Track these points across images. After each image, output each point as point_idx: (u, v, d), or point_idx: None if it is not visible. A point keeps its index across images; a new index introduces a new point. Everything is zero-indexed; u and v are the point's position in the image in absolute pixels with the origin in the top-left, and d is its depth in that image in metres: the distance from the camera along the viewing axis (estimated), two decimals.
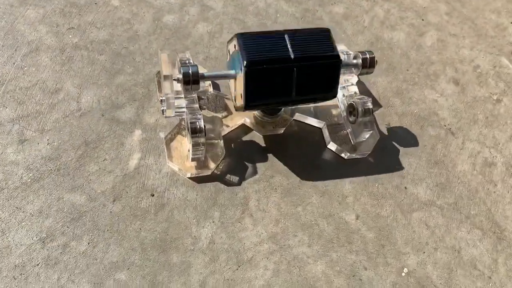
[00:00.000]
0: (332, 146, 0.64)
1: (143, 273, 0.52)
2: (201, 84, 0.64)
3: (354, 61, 0.61)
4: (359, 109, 0.60)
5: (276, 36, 0.55)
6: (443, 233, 0.60)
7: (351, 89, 0.65)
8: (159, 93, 0.64)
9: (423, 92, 0.72)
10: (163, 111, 0.58)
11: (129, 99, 0.64)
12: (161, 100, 0.58)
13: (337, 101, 0.66)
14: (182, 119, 0.62)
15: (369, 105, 0.61)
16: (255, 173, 0.61)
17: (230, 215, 0.57)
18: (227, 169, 0.60)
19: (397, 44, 0.77)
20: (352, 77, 0.66)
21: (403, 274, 0.56)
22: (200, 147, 0.57)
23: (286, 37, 0.55)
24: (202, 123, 0.56)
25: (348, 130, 0.64)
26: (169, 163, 0.59)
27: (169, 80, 0.54)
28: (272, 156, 0.63)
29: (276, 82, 0.55)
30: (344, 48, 0.66)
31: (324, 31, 0.57)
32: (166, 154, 0.59)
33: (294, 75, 0.55)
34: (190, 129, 0.55)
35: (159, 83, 0.64)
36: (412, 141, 0.67)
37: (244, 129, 0.64)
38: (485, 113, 0.71)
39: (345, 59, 0.63)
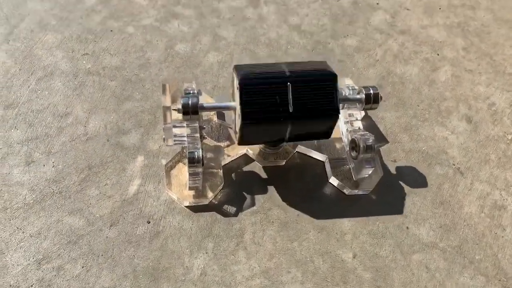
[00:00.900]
0: (334, 181, 0.64)
1: None
2: (205, 113, 0.66)
3: (358, 96, 0.61)
4: (361, 145, 0.60)
5: (279, 84, 0.54)
6: (444, 277, 0.58)
7: (355, 124, 0.65)
8: (164, 121, 0.65)
9: (433, 129, 0.71)
10: (164, 139, 0.59)
11: (135, 125, 0.65)
12: (163, 128, 0.59)
13: (341, 135, 0.65)
14: (184, 147, 0.63)
15: (371, 141, 0.60)
16: (253, 204, 0.61)
17: (224, 246, 0.57)
18: (225, 199, 0.61)
19: (409, 78, 0.76)
20: (357, 111, 0.66)
21: None
22: (197, 177, 0.57)
23: (289, 87, 0.54)
24: (200, 153, 0.56)
25: (351, 166, 0.64)
26: (168, 191, 0.60)
27: (169, 111, 0.55)
28: (271, 188, 0.62)
29: (271, 130, 0.56)
30: (350, 83, 0.66)
31: (329, 78, 0.55)
32: (166, 181, 0.60)
33: (289, 126, 0.55)
34: (188, 158, 0.56)
35: None
36: (418, 179, 0.66)
37: (246, 159, 0.65)
38: (497, 153, 0.69)
39: (349, 94, 0.63)
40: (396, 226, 0.61)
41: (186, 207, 0.59)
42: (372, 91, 0.60)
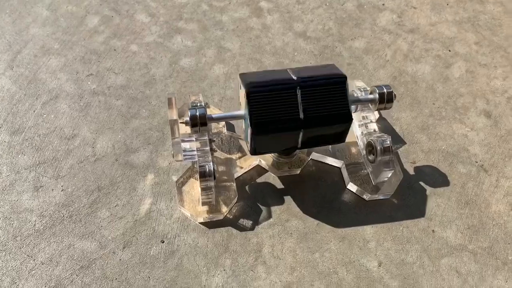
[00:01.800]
0: (352, 187, 0.61)
1: None
2: (214, 125, 0.64)
3: (371, 96, 0.59)
4: (378, 147, 0.57)
5: (288, 90, 0.52)
6: (477, 281, 0.54)
7: (370, 126, 0.62)
8: (172, 135, 0.63)
9: (451, 127, 0.68)
10: (173, 155, 0.57)
11: (143, 143, 0.64)
12: (172, 144, 0.58)
13: (356, 138, 0.63)
14: (194, 162, 0.61)
15: (388, 143, 0.57)
16: (269, 216, 0.58)
17: (242, 262, 0.54)
18: (240, 213, 0.58)
19: (422, 77, 0.74)
20: (371, 113, 0.63)
21: None
22: (210, 191, 0.55)
23: (298, 92, 0.52)
24: (211, 167, 0.54)
25: (368, 170, 0.61)
26: (181, 208, 0.58)
27: (176, 125, 0.54)
28: (288, 198, 0.60)
29: (283, 138, 0.54)
30: (362, 85, 0.64)
31: (339, 84, 0.53)
32: (178, 198, 0.58)
33: (301, 133, 0.53)
34: (199, 173, 0.54)
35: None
36: (440, 179, 0.63)
37: (259, 170, 0.62)
38: None
39: (361, 96, 0.60)
40: (421, 230, 0.58)
41: (201, 223, 0.57)
42: (385, 90, 0.58)
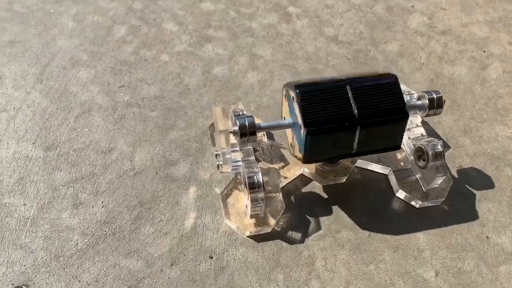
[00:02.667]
0: (401, 194, 0.59)
1: None
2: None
3: (419, 102, 0.57)
4: (429, 152, 0.55)
5: (338, 88, 0.51)
6: None
7: (416, 130, 0.61)
8: (213, 147, 0.61)
9: (494, 129, 0.66)
10: (218, 166, 0.55)
11: (182, 154, 0.62)
12: (216, 155, 0.56)
13: (402, 144, 0.61)
14: (237, 173, 0.59)
15: (440, 148, 0.56)
16: (318, 228, 0.56)
17: (295, 277, 0.52)
18: (288, 225, 0.56)
19: (459, 79, 0.72)
20: (416, 117, 0.62)
21: None
22: (259, 203, 0.53)
23: (348, 89, 0.51)
24: (260, 177, 0.53)
25: (418, 176, 0.59)
26: (227, 221, 0.56)
27: (225, 135, 0.52)
28: (336, 208, 0.58)
29: (337, 141, 0.52)
30: (404, 88, 0.62)
31: (390, 79, 0.52)
32: (223, 211, 0.56)
33: (357, 133, 0.51)
34: (248, 184, 0.52)
35: (213, 137, 0.62)
36: (488, 183, 0.61)
37: (303, 179, 0.61)
38: None
39: (407, 100, 0.59)
40: (475, 237, 0.56)
41: (248, 237, 0.55)
42: (434, 95, 0.56)
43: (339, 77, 0.52)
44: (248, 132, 0.51)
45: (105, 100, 0.67)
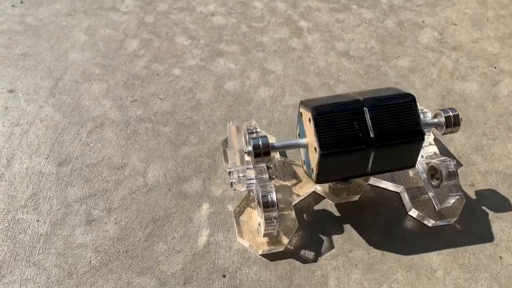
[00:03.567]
0: (414, 213, 0.59)
1: None
2: None
3: (436, 120, 0.57)
4: (443, 172, 0.55)
5: (355, 109, 0.51)
6: None
7: (429, 149, 0.60)
8: (225, 163, 0.61)
9: (506, 147, 0.66)
10: (231, 183, 0.55)
11: (195, 171, 0.62)
12: (229, 172, 0.56)
13: None
14: (250, 190, 0.59)
15: (453, 167, 0.55)
16: (331, 247, 0.56)
17: None
18: (301, 243, 0.56)
19: (470, 95, 0.72)
20: (429, 135, 0.62)
21: None
22: (272, 222, 0.53)
23: (366, 111, 0.51)
24: (274, 196, 0.52)
25: (431, 195, 0.59)
26: (239, 239, 0.56)
27: (239, 154, 0.52)
28: (348, 227, 0.58)
29: (351, 162, 0.52)
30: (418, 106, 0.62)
31: (407, 99, 0.52)
32: (236, 229, 0.56)
33: (372, 155, 0.51)
34: (262, 203, 0.52)
35: (225, 153, 0.62)
36: (501, 202, 0.61)
37: (315, 197, 0.60)
38: None
39: (423, 119, 0.59)
40: (488, 257, 0.56)
41: (261, 255, 0.55)
42: (451, 113, 0.56)
43: (356, 96, 0.52)
44: (262, 153, 0.52)
45: (117, 115, 0.67)
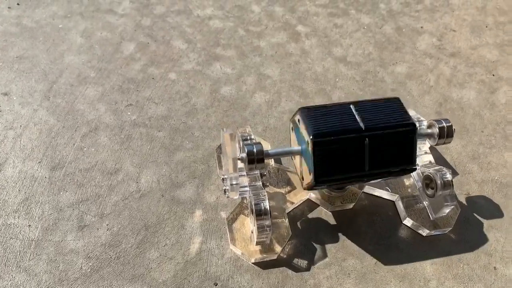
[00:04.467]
0: (408, 222, 0.58)
1: None
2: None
3: (429, 130, 0.57)
4: (438, 182, 0.55)
5: (342, 107, 0.52)
6: None
7: (424, 158, 0.60)
8: (219, 170, 0.61)
9: (502, 156, 0.66)
10: (225, 191, 0.54)
11: (188, 176, 0.61)
12: (223, 179, 0.55)
13: None
14: (244, 197, 0.58)
15: (449, 177, 0.55)
16: (325, 255, 0.56)
17: None
18: (293, 251, 0.56)
19: (468, 103, 0.72)
20: (424, 144, 0.61)
21: None
22: (265, 230, 0.53)
23: (352, 107, 0.52)
24: (267, 205, 0.52)
25: (425, 204, 0.59)
26: (232, 247, 0.55)
27: (233, 161, 0.51)
28: (342, 235, 0.57)
29: (346, 155, 0.51)
30: (414, 114, 0.62)
31: (393, 100, 0.53)
32: (229, 237, 0.56)
33: (366, 146, 0.50)
34: (255, 211, 0.52)
35: (219, 159, 0.62)
36: (496, 212, 0.61)
37: (309, 205, 0.60)
38: None
39: (418, 128, 0.58)
40: (482, 267, 0.56)
41: (253, 264, 0.55)
42: (445, 124, 0.56)
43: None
44: (256, 160, 0.51)
45: (112, 119, 0.66)
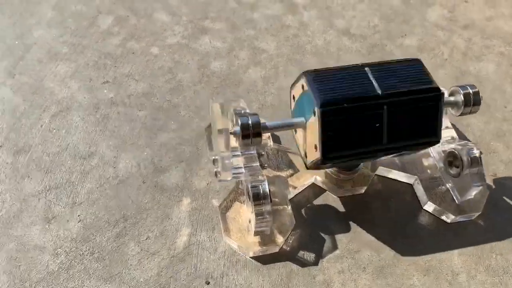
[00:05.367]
0: (430, 207, 0.51)
1: None
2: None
3: (452, 98, 0.49)
4: (464, 158, 0.47)
5: (355, 70, 0.44)
6: None
7: (446, 133, 0.52)
8: (210, 152, 0.53)
9: None
10: (216, 173, 0.46)
11: (174, 160, 0.53)
12: (214, 160, 0.47)
13: (428, 149, 0.53)
14: (239, 181, 0.50)
15: (476, 152, 0.48)
16: (335, 247, 0.48)
17: None
18: (298, 243, 0.48)
19: (487, 77, 0.65)
20: (445, 117, 0.54)
21: None
22: (265, 218, 0.45)
23: (368, 70, 0.44)
24: (266, 187, 0.44)
25: (449, 186, 0.51)
26: (226, 239, 0.47)
27: (224, 136, 0.43)
28: (354, 224, 0.50)
29: (361, 126, 0.43)
30: None
31: (414, 62, 0.45)
32: (222, 227, 0.47)
33: (384, 114, 0.42)
34: (252, 195, 0.44)
35: (210, 140, 0.54)
36: None
37: (315, 189, 0.52)
38: None
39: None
40: None
41: (252, 258, 0.47)
42: (470, 90, 0.48)
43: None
44: (252, 133, 0.43)
45: (86, 98, 0.58)
